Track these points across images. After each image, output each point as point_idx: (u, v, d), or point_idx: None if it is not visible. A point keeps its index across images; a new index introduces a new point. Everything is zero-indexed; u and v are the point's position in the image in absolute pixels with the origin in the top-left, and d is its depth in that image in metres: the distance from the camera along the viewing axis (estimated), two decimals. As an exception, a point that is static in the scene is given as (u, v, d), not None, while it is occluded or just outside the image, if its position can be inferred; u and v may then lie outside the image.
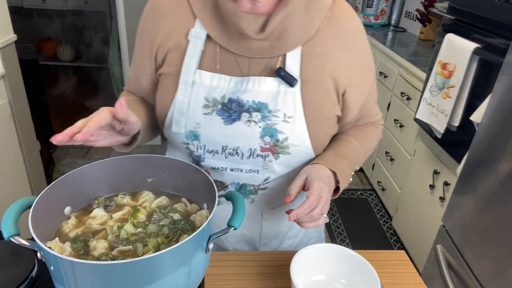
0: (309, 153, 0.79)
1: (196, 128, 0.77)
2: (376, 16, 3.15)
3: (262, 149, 0.77)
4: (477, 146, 1.28)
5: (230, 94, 0.75)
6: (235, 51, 0.74)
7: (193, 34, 0.74)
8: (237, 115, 0.75)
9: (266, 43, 0.73)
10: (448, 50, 1.62)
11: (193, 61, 0.75)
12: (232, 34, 0.73)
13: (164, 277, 0.57)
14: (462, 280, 1.30)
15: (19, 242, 0.57)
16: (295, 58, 0.74)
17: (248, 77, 0.75)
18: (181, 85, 0.75)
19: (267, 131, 0.76)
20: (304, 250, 0.73)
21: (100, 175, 0.75)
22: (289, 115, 0.75)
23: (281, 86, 0.74)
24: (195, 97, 0.75)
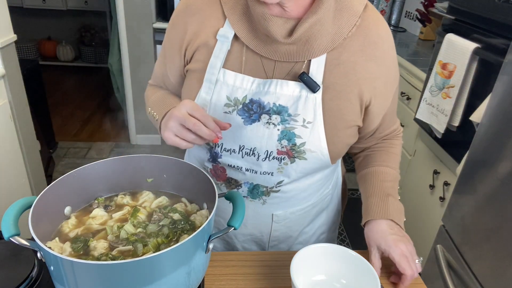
0: (325, 160, 0.79)
1: None
2: (376, 16, 3.15)
3: (279, 152, 0.77)
4: (477, 146, 1.28)
5: (252, 95, 0.75)
6: (261, 53, 0.75)
7: (221, 33, 0.75)
8: (257, 116, 0.76)
9: (293, 48, 0.73)
10: (448, 50, 1.62)
11: (218, 60, 0.76)
12: (260, 36, 0.74)
13: (164, 277, 0.57)
14: (462, 280, 1.30)
15: (19, 242, 0.57)
16: (320, 64, 0.74)
17: (271, 80, 0.75)
18: (205, 82, 0.77)
19: (285, 134, 0.76)
20: (304, 250, 0.73)
21: (100, 175, 0.75)
22: (309, 121, 0.75)
23: (303, 91, 0.74)
24: (218, 95, 0.76)
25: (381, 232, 0.78)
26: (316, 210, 0.94)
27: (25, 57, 4.02)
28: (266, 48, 0.74)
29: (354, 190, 2.81)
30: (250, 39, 0.75)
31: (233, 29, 0.75)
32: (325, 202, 0.95)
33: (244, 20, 0.74)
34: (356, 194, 2.77)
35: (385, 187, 0.84)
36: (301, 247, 0.96)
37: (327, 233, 1.02)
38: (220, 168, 0.83)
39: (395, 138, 0.93)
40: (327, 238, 1.02)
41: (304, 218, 0.92)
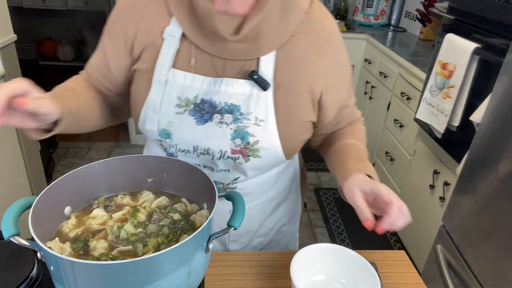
0: (280, 157, 0.79)
1: (169, 127, 0.77)
2: (376, 16, 3.15)
3: (233, 151, 0.77)
4: (477, 146, 1.28)
5: (203, 94, 0.75)
6: (210, 51, 0.74)
7: (168, 32, 0.74)
8: (209, 116, 0.75)
9: (242, 45, 0.72)
10: (448, 50, 1.62)
11: (167, 60, 0.74)
12: (208, 34, 0.72)
13: (164, 277, 0.57)
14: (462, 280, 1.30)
15: (19, 242, 0.57)
16: (269, 62, 0.74)
17: (221, 79, 0.74)
18: (154, 83, 0.75)
19: (238, 133, 0.75)
20: (304, 250, 0.73)
21: (100, 175, 0.75)
22: (261, 119, 0.75)
23: (254, 89, 0.74)
24: (168, 96, 0.75)
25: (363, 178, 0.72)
26: (275, 203, 0.94)
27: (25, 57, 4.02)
28: (215, 46, 0.73)
29: (354, 190, 2.81)
30: (198, 37, 0.73)
31: (181, 27, 0.73)
32: (283, 195, 0.96)
33: (191, 17, 0.73)
34: (356, 194, 2.77)
35: (359, 154, 0.81)
36: (262, 239, 0.97)
37: (288, 224, 1.02)
38: None
39: (359, 123, 0.92)
40: (288, 230, 1.02)
41: (262, 212, 0.93)
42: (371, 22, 3.17)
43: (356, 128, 0.90)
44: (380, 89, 2.61)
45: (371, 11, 3.13)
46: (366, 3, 3.12)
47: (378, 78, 2.65)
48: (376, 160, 2.67)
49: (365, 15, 3.17)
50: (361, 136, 0.88)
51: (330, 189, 2.81)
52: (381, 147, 2.58)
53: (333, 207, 2.63)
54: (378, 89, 2.65)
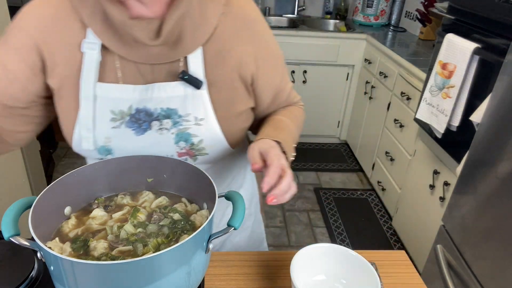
0: (226, 149, 0.80)
1: (107, 143, 0.74)
2: (376, 16, 3.15)
3: (179, 154, 0.77)
4: (477, 146, 1.28)
5: (137, 104, 0.72)
6: (134, 59, 0.71)
7: (86, 45, 0.69)
8: (147, 124, 0.74)
9: (165, 48, 0.70)
10: (448, 50, 1.62)
11: (91, 74, 0.70)
12: (128, 42, 0.69)
13: (164, 277, 0.57)
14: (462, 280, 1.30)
15: (19, 242, 0.57)
16: (198, 59, 0.72)
17: (152, 84, 0.72)
18: (83, 100, 0.71)
19: (181, 136, 0.75)
20: (304, 250, 0.73)
21: (100, 175, 0.74)
22: (201, 117, 0.74)
23: (188, 90, 0.72)
24: (100, 112, 0.72)
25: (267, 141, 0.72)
26: (234, 189, 0.95)
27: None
28: (138, 53, 0.70)
29: (353, 190, 2.81)
30: (119, 46, 0.69)
31: (99, 38, 0.69)
32: (239, 180, 0.97)
33: (108, 27, 0.68)
34: (356, 194, 2.77)
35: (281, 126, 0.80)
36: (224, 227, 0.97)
37: (249, 208, 1.04)
38: None
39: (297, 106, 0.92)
40: (251, 212, 1.04)
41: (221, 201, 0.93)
42: (371, 22, 3.17)
43: (289, 108, 0.89)
44: (380, 89, 2.61)
45: (371, 11, 3.14)
46: (366, 3, 3.12)
47: (378, 78, 2.65)
48: (376, 160, 2.67)
49: (365, 15, 3.17)
50: (291, 115, 0.87)
51: (330, 189, 2.81)
52: (381, 147, 2.58)
53: (333, 207, 2.63)
54: (378, 89, 2.65)
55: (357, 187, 2.85)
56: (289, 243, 2.31)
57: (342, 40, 2.91)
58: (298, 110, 0.92)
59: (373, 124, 2.72)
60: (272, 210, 2.55)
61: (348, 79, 3.09)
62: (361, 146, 2.99)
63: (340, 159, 3.19)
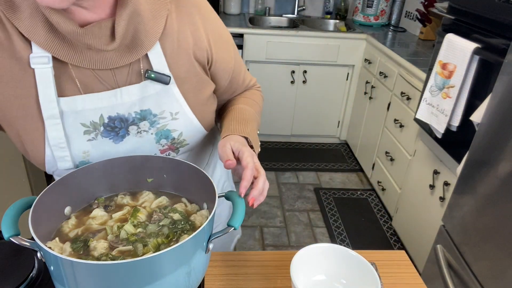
0: (203, 133, 0.81)
1: (86, 157, 0.72)
2: (376, 16, 3.15)
3: (162, 151, 0.78)
4: (477, 146, 1.28)
5: (108, 112, 0.70)
6: (91, 66, 0.66)
7: (35, 60, 0.63)
8: (124, 131, 0.72)
9: (123, 49, 0.67)
10: (448, 50, 1.62)
11: (50, 91, 0.65)
12: (81, 50, 0.65)
13: (164, 277, 0.57)
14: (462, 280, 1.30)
15: (19, 242, 0.57)
16: (158, 54, 0.70)
17: (119, 89, 0.69)
18: (48, 120, 0.66)
19: (161, 134, 0.75)
20: (304, 250, 0.73)
21: (100, 175, 0.74)
22: (176, 112, 0.74)
23: (156, 87, 0.71)
24: (72, 127, 0.69)
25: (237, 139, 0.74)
26: (212, 166, 0.99)
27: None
28: (94, 59, 0.66)
29: (353, 190, 2.81)
30: (71, 55, 0.64)
31: (47, 51, 0.63)
32: (215, 156, 1.00)
33: (53, 37, 0.63)
34: (356, 194, 2.77)
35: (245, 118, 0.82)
36: None
37: (228, 181, 1.09)
38: None
39: (254, 89, 0.95)
40: (230, 184, 1.10)
41: None
42: (371, 22, 3.17)
43: (248, 95, 0.92)
44: (380, 89, 2.61)
45: (371, 11, 3.14)
46: (366, 3, 3.12)
47: (378, 78, 2.65)
48: (376, 160, 2.67)
49: (365, 15, 3.17)
50: (252, 102, 0.90)
51: (330, 189, 2.81)
52: (381, 147, 2.58)
53: (333, 207, 2.63)
54: (378, 89, 2.65)
55: (357, 187, 2.85)
56: (289, 243, 2.31)
57: (342, 40, 2.91)
58: (256, 94, 0.94)
59: (373, 124, 2.72)
60: (272, 210, 2.56)
61: (348, 79, 3.09)
62: (361, 146, 2.99)
63: (340, 159, 3.19)
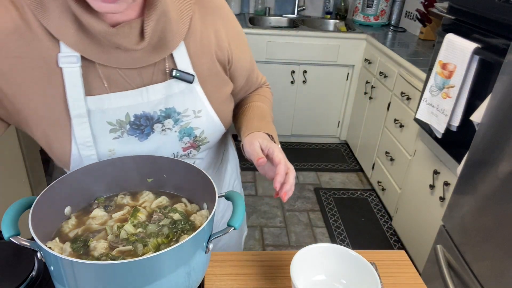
0: (222, 131, 0.84)
1: (112, 155, 0.74)
2: (376, 16, 3.15)
3: (184, 149, 0.79)
4: (477, 146, 1.28)
5: (133, 110, 0.71)
6: (119, 66, 0.68)
7: (63, 60, 0.64)
8: (149, 128, 0.74)
9: (149, 48, 0.69)
10: (448, 50, 1.62)
11: (78, 90, 0.66)
12: (110, 50, 0.66)
13: (164, 277, 0.57)
14: (462, 280, 1.30)
15: (19, 242, 0.57)
16: (182, 54, 0.72)
17: (145, 88, 0.71)
18: (75, 119, 0.67)
19: (184, 132, 0.76)
20: (304, 250, 0.73)
21: (100, 175, 0.74)
22: (198, 110, 0.76)
23: (180, 86, 0.73)
24: (98, 126, 0.70)
25: (263, 136, 0.77)
26: (224, 165, 1.01)
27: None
28: (122, 59, 0.67)
29: (353, 190, 2.81)
30: (100, 56, 0.66)
31: (75, 50, 0.64)
32: (226, 155, 1.02)
33: (83, 37, 0.64)
34: (356, 194, 2.77)
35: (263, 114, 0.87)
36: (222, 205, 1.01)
37: (237, 179, 1.10)
38: None
39: (265, 87, 0.99)
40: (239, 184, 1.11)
41: (221, 175, 0.99)
42: (371, 22, 3.17)
43: (261, 92, 0.96)
44: (380, 89, 2.61)
45: (371, 11, 3.13)
46: (366, 3, 3.12)
47: (378, 78, 2.65)
48: (376, 160, 2.67)
49: (365, 15, 3.17)
50: (266, 99, 0.94)
51: (330, 189, 2.81)
52: (381, 147, 2.58)
53: (333, 207, 2.63)
54: (378, 89, 2.65)
55: (357, 187, 2.85)
56: (289, 243, 2.31)
57: (342, 40, 2.91)
58: (267, 92, 0.99)
59: (373, 124, 2.72)
60: (272, 210, 2.56)
61: (348, 79, 3.09)
62: (361, 146, 2.99)
63: (340, 159, 3.19)
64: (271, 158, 0.73)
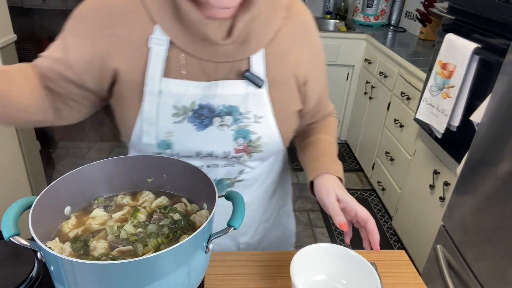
0: (279, 147, 0.83)
1: (169, 137, 0.76)
2: (376, 16, 3.15)
3: (237, 151, 0.79)
4: (477, 146, 1.28)
5: (200, 100, 0.74)
6: (200, 56, 0.73)
7: (154, 41, 0.71)
8: (209, 120, 0.76)
9: (231, 47, 0.73)
10: (448, 50, 1.62)
11: (157, 70, 0.72)
12: (196, 39, 0.71)
13: (164, 277, 0.57)
14: (462, 280, 1.30)
15: (19, 242, 0.57)
16: (259, 59, 0.75)
17: (216, 82, 0.74)
18: (147, 95, 0.73)
19: (240, 133, 0.77)
20: (304, 250, 0.73)
21: (100, 175, 0.74)
22: (260, 115, 0.77)
23: (249, 88, 0.75)
24: (164, 107, 0.74)
25: (337, 183, 0.79)
26: (273, 187, 0.98)
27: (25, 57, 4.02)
28: (205, 51, 0.72)
29: (354, 190, 2.81)
30: (187, 43, 0.72)
31: (167, 35, 0.71)
32: (278, 177, 0.99)
33: (177, 24, 0.70)
34: (356, 194, 2.77)
35: (333, 152, 0.88)
36: (265, 225, 0.99)
37: (285, 205, 1.05)
38: None
39: (332, 116, 0.99)
40: (285, 210, 1.06)
41: (265, 198, 0.96)
42: (371, 22, 3.17)
43: (330, 124, 0.95)
44: (380, 89, 2.61)
45: (371, 11, 3.13)
46: (366, 3, 3.12)
47: (378, 78, 2.65)
48: (376, 160, 2.67)
49: (365, 15, 3.17)
50: (333, 131, 0.95)
51: (330, 189, 2.81)
52: (381, 147, 2.58)
53: (333, 207, 2.62)
54: (378, 89, 2.65)
55: (357, 187, 2.85)
56: (289, 243, 2.31)
57: (342, 40, 2.91)
58: (334, 122, 0.98)
59: (373, 124, 2.72)
60: (272, 210, 2.56)
61: (348, 79, 3.09)
62: (361, 146, 2.99)
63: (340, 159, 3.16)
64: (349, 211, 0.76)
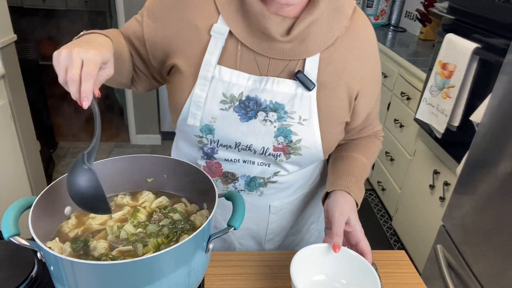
0: (319, 155, 0.81)
1: (212, 123, 0.77)
2: (376, 16, 3.15)
3: (275, 149, 0.78)
4: (477, 146, 1.28)
5: (248, 92, 0.76)
6: (256, 50, 0.75)
7: (215, 29, 0.74)
8: (253, 113, 0.77)
9: (288, 46, 0.74)
10: (448, 50, 1.62)
11: (214, 57, 0.75)
12: (255, 33, 0.74)
13: (164, 277, 0.57)
14: (462, 280, 1.30)
15: (19, 242, 0.57)
16: (314, 63, 0.76)
17: (267, 77, 0.76)
18: (200, 79, 0.76)
19: (282, 131, 0.77)
20: (304, 250, 0.73)
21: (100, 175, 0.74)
22: (304, 118, 0.77)
23: (299, 89, 0.76)
24: (213, 92, 0.76)
25: (353, 207, 0.79)
26: (307, 199, 0.97)
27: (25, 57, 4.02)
28: (262, 45, 0.74)
29: (354, 190, 2.81)
30: (246, 35, 0.74)
31: (228, 25, 0.74)
32: (314, 191, 0.98)
33: (239, 16, 0.74)
34: (356, 194, 2.77)
35: (363, 176, 0.87)
36: (294, 238, 0.98)
37: (317, 222, 1.04)
38: (215, 164, 0.84)
39: (376, 138, 0.97)
40: (317, 228, 1.05)
41: (296, 209, 0.95)
42: (371, 22, 3.17)
43: (372, 147, 0.94)
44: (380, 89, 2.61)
45: (371, 11, 3.13)
46: (366, 3, 3.12)
47: (378, 78, 2.65)
48: (376, 160, 2.67)
49: (365, 15, 3.17)
50: (372, 156, 0.93)
51: (330, 189, 2.81)
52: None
53: (333, 207, 2.62)
54: (378, 89, 2.65)
55: (357, 187, 2.85)
56: (289, 243, 2.31)
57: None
58: (375, 143, 0.96)
59: (373, 124, 2.72)
60: (272, 210, 2.55)
61: (348, 79, 3.09)
62: (361, 146, 2.99)
63: (340, 159, 3.18)
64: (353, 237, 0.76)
